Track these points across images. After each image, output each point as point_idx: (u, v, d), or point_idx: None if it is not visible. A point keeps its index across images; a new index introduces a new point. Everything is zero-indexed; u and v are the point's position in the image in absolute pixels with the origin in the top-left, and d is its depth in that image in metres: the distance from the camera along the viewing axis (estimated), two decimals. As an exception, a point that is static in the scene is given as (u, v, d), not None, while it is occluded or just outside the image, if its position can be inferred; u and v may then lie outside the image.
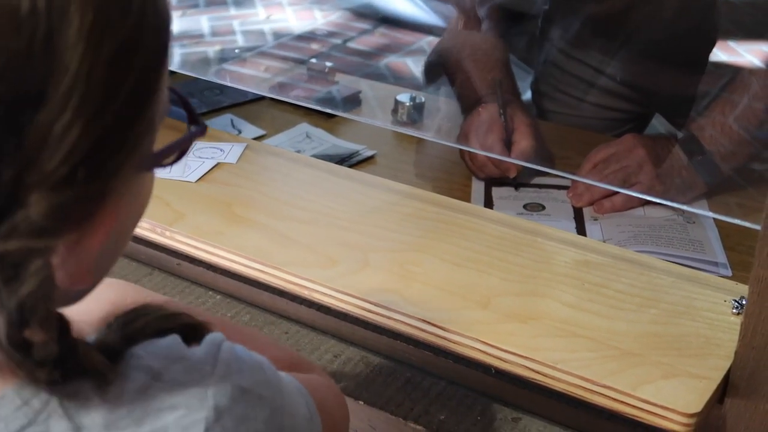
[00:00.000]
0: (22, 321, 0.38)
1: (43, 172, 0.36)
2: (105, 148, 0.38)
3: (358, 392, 0.74)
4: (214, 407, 0.43)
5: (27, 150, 0.36)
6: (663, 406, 0.64)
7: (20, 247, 0.36)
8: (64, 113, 0.36)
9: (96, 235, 0.40)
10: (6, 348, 0.38)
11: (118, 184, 0.39)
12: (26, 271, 0.37)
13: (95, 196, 0.39)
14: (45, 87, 0.36)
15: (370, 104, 1.27)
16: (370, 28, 2.33)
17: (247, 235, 0.82)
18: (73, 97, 0.36)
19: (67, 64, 0.36)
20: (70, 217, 0.38)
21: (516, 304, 0.74)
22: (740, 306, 0.72)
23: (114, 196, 0.40)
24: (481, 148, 1.05)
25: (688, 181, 1.03)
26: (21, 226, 0.36)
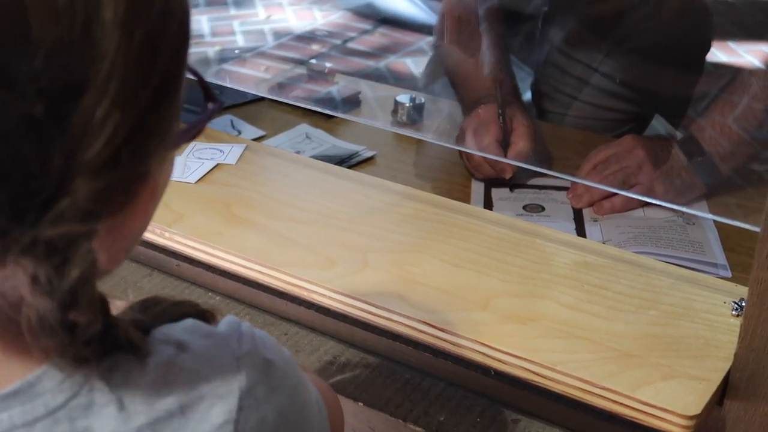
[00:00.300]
0: (71, 304, 0.39)
1: (86, 158, 0.37)
2: (142, 131, 0.39)
3: (358, 393, 0.74)
4: (246, 377, 0.46)
5: (71, 137, 0.37)
6: (662, 408, 0.64)
7: (67, 231, 0.37)
8: (104, 99, 0.37)
9: (136, 215, 0.42)
10: (55, 330, 0.40)
11: (154, 165, 0.41)
12: (74, 255, 0.38)
13: (135, 178, 0.40)
14: (85, 75, 0.36)
15: (369, 105, 1.27)
16: (370, 29, 2.33)
17: (247, 236, 0.82)
18: (112, 83, 0.37)
19: (105, 51, 0.36)
20: (113, 200, 0.39)
21: (515, 306, 0.74)
22: (740, 308, 0.72)
23: (151, 177, 0.41)
24: (478, 148, 1.05)
25: (687, 182, 1.03)
26: (67, 211, 0.37)
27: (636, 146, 1.05)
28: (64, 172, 0.37)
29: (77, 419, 0.42)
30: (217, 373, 0.45)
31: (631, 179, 1.03)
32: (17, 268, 0.38)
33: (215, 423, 0.44)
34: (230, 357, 0.46)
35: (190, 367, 0.45)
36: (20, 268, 0.38)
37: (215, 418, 0.44)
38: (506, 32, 1.22)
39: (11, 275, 0.38)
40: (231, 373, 0.45)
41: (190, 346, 0.46)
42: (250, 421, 0.45)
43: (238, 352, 0.47)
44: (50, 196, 0.37)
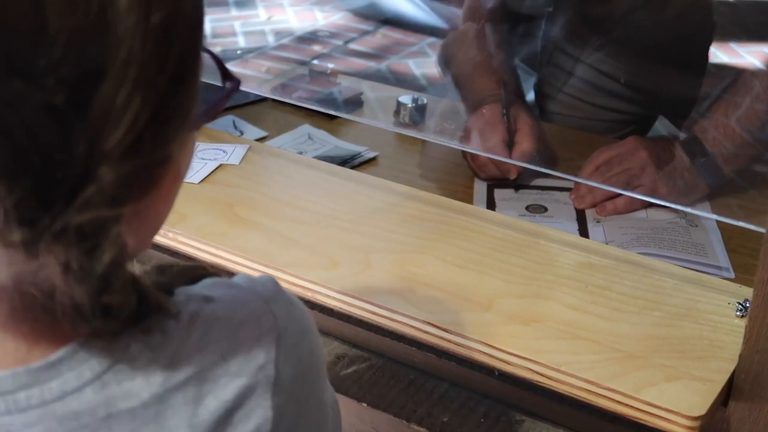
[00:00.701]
0: (104, 288, 0.40)
1: (109, 144, 0.37)
2: (163, 115, 0.39)
3: (361, 394, 0.74)
4: (277, 317, 0.47)
5: (93, 124, 0.37)
6: (667, 409, 0.63)
7: (95, 217, 0.38)
8: (124, 85, 0.37)
9: (161, 198, 0.42)
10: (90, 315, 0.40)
11: (176, 148, 0.41)
12: (104, 240, 0.39)
13: (158, 162, 0.40)
14: (104, 62, 0.37)
15: (371, 106, 1.27)
16: (372, 30, 2.33)
17: (250, 237, 0.82)
18: (130, 69, 0.37)
19: (122, 37, 0.37)
20: (138, 185, 0.39)
21: (519, 307, 0.74)
22: (744, 309, 0.72)
23: (173, 159, 0.42)
24: (483, 148, 1.05)
25: (690, 183, 1.03)
26: (94, 198, 0.37)
27: (639, 148, 1.05)
28: (88, 159, 0.37)
29: (124, 381, 0.43)
30: (251, 317, 0.47)
31: (634, 181, 1.03)
32: (49, 256, 0.38)
33: (258, 364, 0.45)
34: (259, 300, 0.48)
35: (223, 315, 0.46)
36: (52, 257, 0.38)
37: (256, 359, 0.45)
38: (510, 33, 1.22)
39: (44, 265, 0.38)
40: (264, 315, 0.47)
41: (218, 298, 0.47)
42: (289, 360, 0.46)
43: (265, 294, 0.48)
44: (76, 183, 0.37)
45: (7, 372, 0.42)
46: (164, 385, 0.43)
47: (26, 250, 0.38)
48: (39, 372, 0.42)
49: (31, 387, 0.42)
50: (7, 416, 0.42)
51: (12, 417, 0.42)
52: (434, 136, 1.20)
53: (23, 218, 0.37)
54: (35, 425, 0.42)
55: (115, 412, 0.43)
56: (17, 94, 0.35)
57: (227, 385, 0.45)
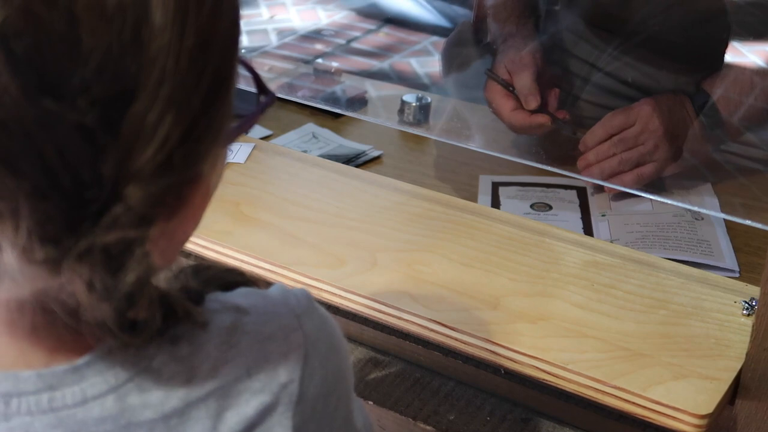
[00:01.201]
0: (129, 305, 0.39)
1: (138, 164, 0.37)
2: (195, 134, 0.38)
3: (367, 392, 0.74)
4: (307, 334, 0.46)
5: (123, 144, 0.36)
6: (673, 407, 0.63)
7: (122, 237, 0.37)
8: (156, 104, 0.36)
9: (189, 218, 0.41)
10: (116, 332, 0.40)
11: (207, 167, 0.41)
12: (129, 260, 0.38)
13: (189, 180, 0.40)
14: (136, 81, 0.36)
15: (375, 104, 1.27)
16: (375, 29, 2.33)
17: (255, 235, 0.82)
18: (163, 88, 0.36)
19: (155, 55, 0.36)
20: (166, 204, 0.39)
21: (525, 305, 0.74)
22: (750, 307, 0.72)
23: (204, 178, 0.41)
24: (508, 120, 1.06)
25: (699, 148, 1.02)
26: (121, 218, 0.37)
27: (653, 117, 1.02)
28: (116, 178, 0.36)
29: (146, 391, 0.43)
30: (280, 331, 0.46)
31: (646, 158, 1.02)
32: (73, 275, 0.37)
33: (281, 382, 0.45)
34: (290, 315, 0.47)
35: (252, 328, 0.46)
36: (76, 275, 0.37)
37: (281, 377, 0.45)
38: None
39: (68, 283, 0.38)
40: (293, 331, 0.46)
41: (250, 309, 0.47)
42: (314, 378, 0.46)
43: (297, 309, 0.47)
44: (104, 203, 0.36)
45: (31, 373, 0.42)
46: (186, 398, 0.43)
47: (50, 267, 0.37)
48: (63, 375, 0.42)
49: (54, 390, 0.42)
50: (28, 416, 0.42)
51: (33, 418, 0.42)
52: (438, 134, 1.20)
53: (48, 236, 0.36)
54: (56, 428, 0.42)
55: (135, 422, 0.42)
56: (48, 114, 0.35)
57: (249, 402, 0.44)
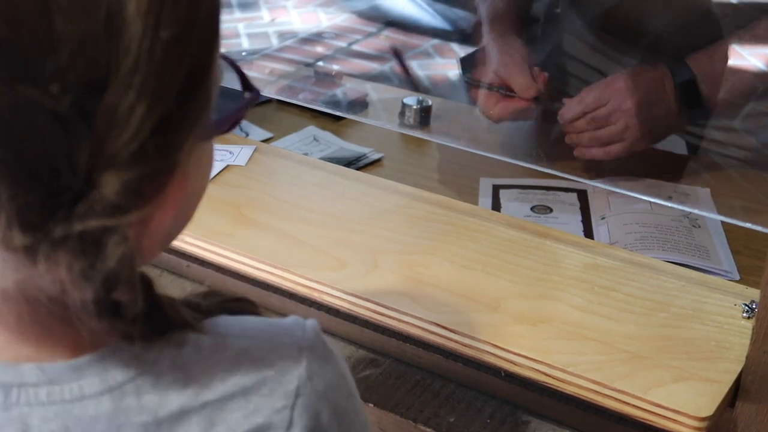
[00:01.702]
0: (111, 288, 0.39)
1: (112, 152, 0.37)
2: (170, 124, 0.39)
3: (368, 395, 0.74)
4: (306, 367, 0.46)
5: (98, 131, 0.37)
6: (674, 410, 0.64)
7: (98, 225, 0.38)
8: (128, 93, 0.37)
9: (167, 208, 0.42)
10: (99, 314, 0.40)
11: (183, 157, 0.41)
12: (107, 247, 0.38)
13: (164, 171, 0.40)
14: (109, 69, 0.36)
15: (376, 107, 1.27)
16: (376, 32, 2.34)
17: (257, 237, 0.83)
18: (136, 78, 0.37)
19: (128, 44, 0.36)
20: (142, 194, 0.39)
21: (526, 307, 0.74)
22: (750, 310, 0.72)
23: (180, 169, 0.41)
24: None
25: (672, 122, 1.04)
26: (96, 205, 0.37)
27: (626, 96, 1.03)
28: (91, 166, 0.37)
29: (144, 394, 0.43)
30: (280, 360, 0.46)
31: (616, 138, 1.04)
32: (52, 262, 0.38)
33: (274, 407, 0.45)
34: (293, 346, 0.47)
35: (255, 353, 0.46)
36: (55, 262, 0.38)
37: (274, 402, 0.45)
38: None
39: (48, 270, 0.38)
40: (293, 361, 0.46)
41: (256, 334, 0.47)
42: (307, 409, 0.46)
43: (302, 342, 0.48)
44: (79, 191, 0.37)
45: (32, 365, 0.43)
46: (182, 406, 0.44)
47: (28, 255, 0.38)
48: (63, 371, 0.43)
49: (54, 384, 0.43)
50: (26, 407, 0.42)
51: (31, 409, 0.42)
52: (439, 137, 1.20)
53: (26, 223, 0.37)
54: (52, 421, 0.42)
55: (129, 423, 0.43)
56: (23, 100, 0.35)
57: (240, 421, 0.45)
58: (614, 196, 1.05)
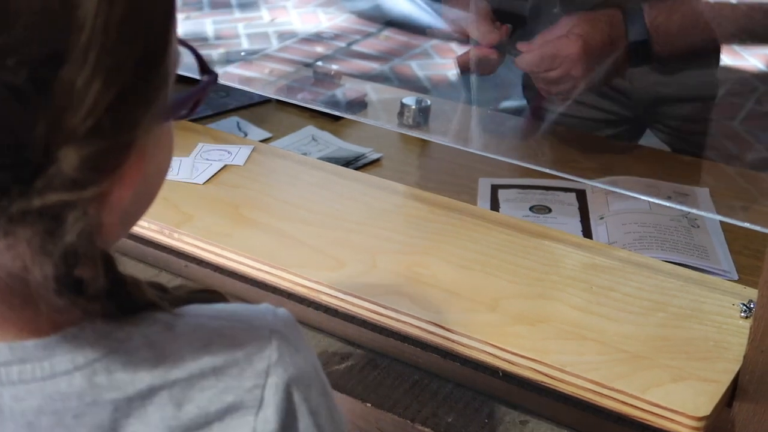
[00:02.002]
0: (72, 263, 0.40)
1: (70, 127, 0.38)
2: (127, 101, 0.39)
3: (366, 394, 0.74)
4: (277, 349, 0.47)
5: (54, 106, 0.37)
6: (672, 410, 0.64)
7: (56, 200, 0.38)
8: (84, 68, 0.37)
9: (125, 185, 0.42)
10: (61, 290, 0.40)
11: (140, 135, 0.41)
12: (66, 222, 0.39)
13: (121, 147, 0.41)
14: (65, 44, 0.37)
15: (375, 107, 1.27)
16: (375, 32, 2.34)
17: (255, 237, 0.83)
18: (91, 53, 0.37)
19: (83, 21, 0.37)
20: (99, 169, 0.39)
21: (524, 307, 0.74)
22: (748, 310, 0.72)
23: (138, 147, 0.42)
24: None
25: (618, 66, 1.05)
26: (55, 180, 0.38)
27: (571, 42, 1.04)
28: (49, 141, 0.37)
29: (115, 372, 0.44)
30: (251, 341, 0.47)
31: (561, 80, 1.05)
32: (11, 237, 0.38)
33: (245, 386, 0.46)
34: (264, 328, 0.48)
35: (225, 332, 0.47)
36: (14, 237, 0.38)
37: (245, 381, 0.46)
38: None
39: (7, 246, 0.39)
40: (264, 342, 0.47)
41: (226, 315, 0.49)
42: (278, 389, 0.47)
43: (273, 325, 0.48)
44: (37, 165, 0.38)
45: (2, 345, 0.43)
46: (152, 382, 0.44)
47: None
48: (33, 350, 0.43)
49: (24, 363, 0.43)
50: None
51: (3, 388, 0.43)
52: (438, 137, 1.20)
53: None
54: (24, 400, 0.43)
55: (100, 401, 0.44)
56: None
57: (212, 399, 0.45)
58: (613, 195, 1.05)
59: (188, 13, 2.36)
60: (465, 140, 1.13)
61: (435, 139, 1.19)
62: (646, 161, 1.15)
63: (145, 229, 0.86)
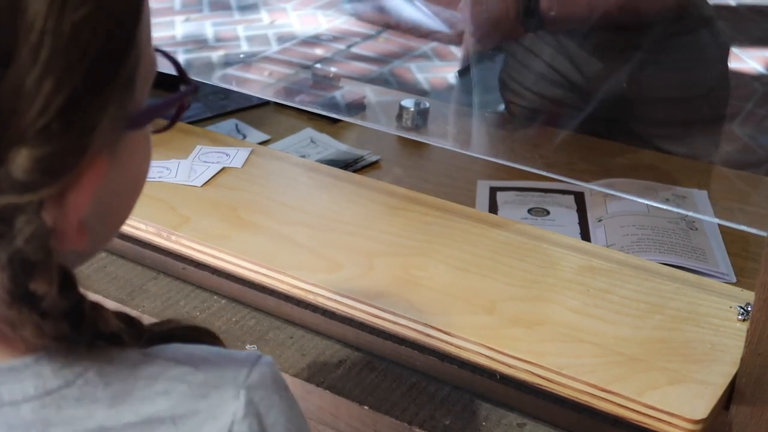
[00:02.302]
0: (23, 273, 0.39)
1: (20, 128, 0.37)
2: (80, 104, 0.38)
3: (363, 397, 0.74)
4: (244, 407, 0.45)
5: (3, 105, 0.37)
6: (669, 412, 0.64)
7: (5, 203, 0.37)
8: (34, 69, 0.37)
9: (81, 192, 0.40)
10: (9, 302, 0.39)
11: (98, 141, 0.40)
12: (16, 226, 0.38)
13: (75, 152, 0.39)
14: (13, 44, 0.37)
15: (374, 109, 1.27)
16: (375, 34, 2.34)
17: (253, 240, 0.83)
18: (42, 53, 0.37)
19: (32, 21, 0.37)
20: (51, 172, 0.38)
21: (521, 309, 0.74)
22: (746, 312, 0.72)
23: (99, 154, 0.40)
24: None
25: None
26: (3, 182, 0.37)
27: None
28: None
29: (65, 408, 0.42)
30: (218, 393, 0.45)
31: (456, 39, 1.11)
32: None
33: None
34: (235, 382, 0.45)
35: (191, 380, 0.45)
36: None
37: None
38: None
39: None
40: (231, 396, 0.45)
41: (199, 362, 0.46)
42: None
43: (247, 380, 0.45)
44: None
45: None
46: (104, 423, 0.42)
47: None
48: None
49: None
50: None
51: None
52: (436, 139, 1.20)
53: None
54: None
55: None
56: None
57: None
58: (611, 198, 1.05)
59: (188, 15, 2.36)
60: (464, 143, 1.13)
61: (433, 141, 1.19)
62: (644, 163, 1.15)
63: (142, 231, 0.86)
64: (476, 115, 1.22)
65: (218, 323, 0.82)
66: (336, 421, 0.75)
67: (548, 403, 0.71)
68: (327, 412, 0.75)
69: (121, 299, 0.85)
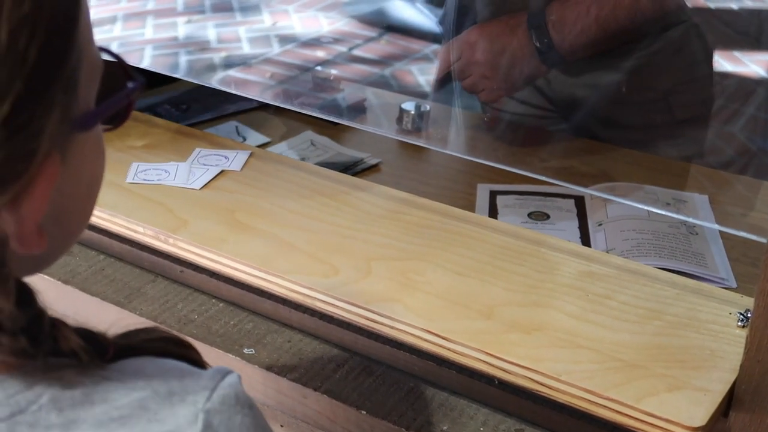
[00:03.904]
0: None
1: None
2: (23, 110, 0.38)
3: (361, 402, 0.74)
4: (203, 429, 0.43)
5: None
6: (667, 419, 0.63)
7: None
8: None
9: (35, 197, 0.40)
10: None
11: (45, 145, 0.40)
12: None
13: (23, 158, 0.39)
14: None
15: (374, 112, 1.27)
16: (376, 36, 2.34)
17: (251, 243, 0.82)
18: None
19: None
20: (0, 181, 0.38)
21: (519, 315, 0.74)
22: (745, 319, 0.72)
23: (49, 158, 0.40)
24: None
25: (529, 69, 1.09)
26: None
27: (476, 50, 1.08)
28: None
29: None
30: (174, 420, 0.44)
31: (479, 86, 1.10)
32: None
33: None
34: (194, 405, 0.44)
35: (149, 405, 0.44)
36: None
37: None
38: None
39: None
40: (187, 421, 0.44)
41: (161, 380, 0.45)
42: None
43: (205, 405, 0.44)
44: None
45: None
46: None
47: None
48: None
49: None
50: None
51: None
52: (437, 143, 1.19)
53: None
54: None
55: None
56: None
57: None
58: (611, 202, 1.04)
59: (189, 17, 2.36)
60: (464, 146, 1.12)
61: (434, 145, 1.19)
62: (645, 167, 1.15)
63: (140, 234, 0.86)
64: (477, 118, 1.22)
65: (216, 326, 0.82)
66: (333, 426, 0.75)
67: (546, 408, 0.70)
68: (324, 417, 0.75)
69: (118, 302, 0.85)
